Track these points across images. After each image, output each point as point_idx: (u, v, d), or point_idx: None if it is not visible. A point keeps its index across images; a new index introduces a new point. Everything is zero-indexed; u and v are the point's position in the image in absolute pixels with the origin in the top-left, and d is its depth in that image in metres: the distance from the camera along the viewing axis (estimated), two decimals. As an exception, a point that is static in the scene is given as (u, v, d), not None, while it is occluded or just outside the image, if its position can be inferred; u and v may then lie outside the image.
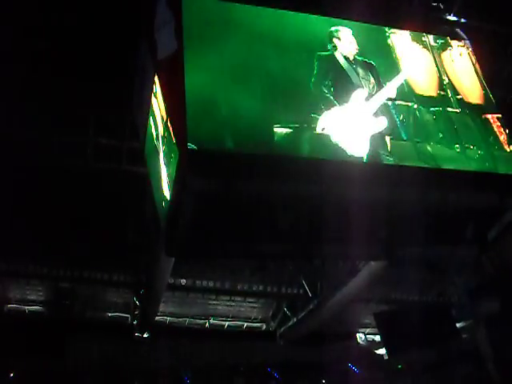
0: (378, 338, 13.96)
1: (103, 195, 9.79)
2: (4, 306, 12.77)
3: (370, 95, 7.14)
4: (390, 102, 7.28)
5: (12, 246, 10.45)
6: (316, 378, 15.09)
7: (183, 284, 12.23)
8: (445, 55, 8.06)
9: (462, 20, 8.69)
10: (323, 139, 6.68)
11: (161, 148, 7.00)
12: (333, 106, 6.89)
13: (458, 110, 7.63)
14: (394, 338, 12.33)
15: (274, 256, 8.37)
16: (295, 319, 13.30)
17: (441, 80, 7.83)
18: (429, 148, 7.09)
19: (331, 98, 6.98)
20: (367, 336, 14.84)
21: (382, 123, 6.98)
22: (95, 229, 10.43)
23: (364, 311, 13.80)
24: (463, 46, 8.30)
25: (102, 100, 8.51)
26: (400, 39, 7.93)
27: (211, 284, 12.43)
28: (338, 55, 7.36)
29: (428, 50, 8.05)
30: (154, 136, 7.42)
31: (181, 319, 13.74)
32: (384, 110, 7.18)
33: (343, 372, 15.08)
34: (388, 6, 8.23)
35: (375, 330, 13.65)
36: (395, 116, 7.23)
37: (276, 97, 6.81)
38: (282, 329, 13.93)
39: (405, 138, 7.14)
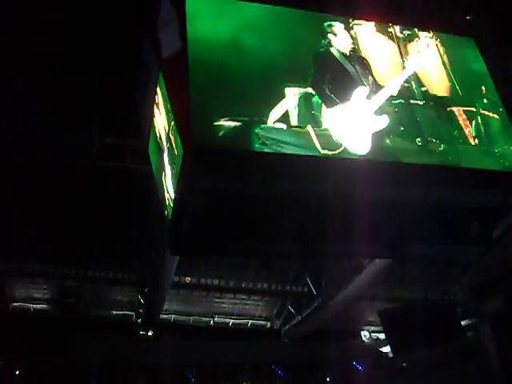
0: (382, 335, 13.95)
1: (108, 194, 9.81)
2: (9, 305, 12.82)
3: (371, 92, 7.06)
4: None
5: (17, 244, 10.49)
6: (321, 375, 15.12)
7: (188, 282, 12.27)
8: (411, 46, 7.79)
9: (468, 17, 8.68)
10: (327, 137, 6.64)
11: (165, 146, 7.00)
12: (335, 105, 6.86)
13: (421, 103, 7.37)
14: (398, 336, 12.30)
15: (279, 254, 8.34)
16: (300, 317, 13.31)
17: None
18: (388, 141, 6.84)
19: (332, 96, 6.94)
20: (372, 334, 14.84)
21: (384, 121, 6.91)
22: (100, 227, 10.45)
23: (368, 309, 13.80)
24: (431, 38, 8.02)
25: (107, 98, 8.52)
26: (364, 30, 7.69)
27: (216, 282, 12.46)
28: (335, 51, 7.29)
29: (393, 41, 7.86)
30: (159, 134, 7.43)
31: (185, 317, 13.77)
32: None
33: (348, 370, 15.11)
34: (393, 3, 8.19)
35: (380, 328, 13.64)
36: None
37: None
38: (287, 327, 13.94)
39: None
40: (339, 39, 7.37)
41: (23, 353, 11.57)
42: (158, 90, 7.11)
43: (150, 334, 13.15)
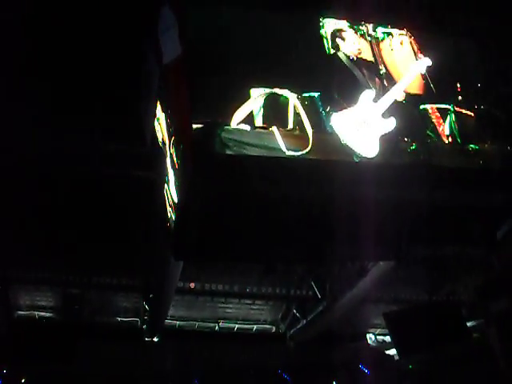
0: (388, 338, 13.89)
1: (111, 200, 9.80)
2: (14, 313, 12.81)
3: (378, 95, 7.05)
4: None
5: (21, 252, 10.49)
6: (326, 379, 15.09)
7: (192, 288, 12.25)
8: (384, 44, 7.76)
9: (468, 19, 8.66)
10: (332, 141, 6.63)
11: (167, 151, 7.02)
12: (342, 108, 6.85)
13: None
14: (404, 339, 12.25)
15: (283, 259, 8.35)
16: (305, 321, 13.28)
17: (377, 69, 7.57)
18: (340, 139, 6.76)
19: (340, 99, 6.94)
20: (377, 337, 14.80)
21: (391, 124, 6.89)
22: (104, 234, 10.44)
23: (374, 312, 13.75)
24: (405, 35, 8.00)
25: (109, 104, 8.52)
26: (334, 28, 7.66)
27: (220, 287, 12.44)
28: (342, 55, 7.30)
29: (365, 39, 7.83)
30: (161, 139, 7.45)
31: (190, 323, 13.73)
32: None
33: (354, 373, 15.07)
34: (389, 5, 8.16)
35: (385, 331, 13.59)
36: (320, 108, 7.00)
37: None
38: (292, 331, 13.91)
39: (330, 131, 6.88)
40: (347, 43, 7.39)
41: (28, 360, 11.54)
42: (161, 94, 7.13)
43: (155, 339, 13.13)
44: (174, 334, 13.55)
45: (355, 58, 7.33)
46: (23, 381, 12.86)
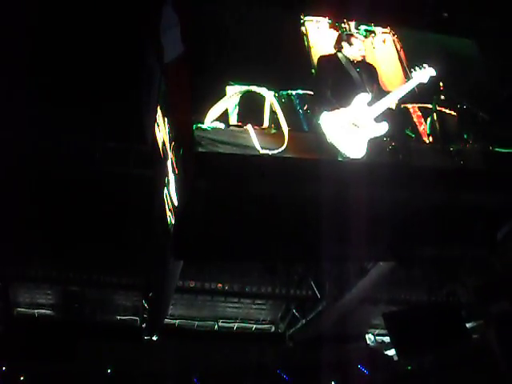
0: (387, 338, 13.90)
1: (111, 198, 9.81)
2: (14, 310, 12.82)
3: (373, 99, 7.01)
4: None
5: (21, 250, 10.50)
6: (325, 379, 15.09)
7: (192, 286, 12.25)
8: (366, 42, 7.63)
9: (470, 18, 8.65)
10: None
11: (168, 151, 7.02)
12: (334, 108, 6.83)
13: None
14: (403, 339, 12.27)
15: (283, 259, 8.34)
16: (304, 321, 13.29)
17: (376, 74, 7.43)
18: (328, 139, 6.67)
19: (333, 100, 6.91)
20: (377, 337, 14.82)
21: (383, 128, 6.86)
22: (104, 232, 10.46)
23: (373, 312, 13.76)
24: (388, 33, 7.90)
25: (110, 102, 8.53)
26: (315, 26, 7.55)
27: (220, 286, 12.45)
28: (341, 56, 7.26)
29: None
30: (162, 139, 7.44)
31: (190, 322, 13.74)
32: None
33: (353, 373, 15.08)
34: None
35: (384, 331, 13.60)
36: (297, 106, 6.90)
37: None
38: (291, 330, 13.91)
39: (306, 129, 6.80)
40: (352, 48, 7.34)
41: (28, 358, 11.55)
42: (162, 95, 7.14)
43: (154, 338, 13.13)
44: (174, 332, 13.56)
45: (355, 61, 7.28)
46: (22, 379, 12.88)
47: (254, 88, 6.69)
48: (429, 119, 7.32)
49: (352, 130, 6.69)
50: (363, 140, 6.68)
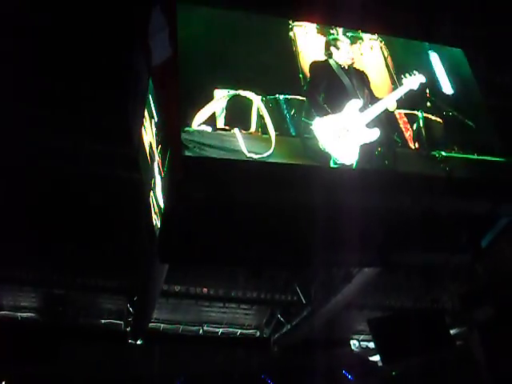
0: (372, 344, 13.93)
1: (97, 201, 9.76)
2: (-4, 313, 12.71)
3: (365, 105, 7.06)
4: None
5: (4, 252, 10.40)
6: (310, 384, 15.08)
7: (177, 291, 12.21)
8: (354, 48, 7.69)
9: (458, 28, 8.72)
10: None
11: (155, 154, 6.99)
12: (326, 114, 6.86)
13: None
14: (388, 345, 12.30)
15: (268, 264, 8.34)
16: (289, 326, 13.28)
17: (367, 80, 7.52)
18: (320, 145, 6.73)
19: (325, 106, 6.95)
20: (361, 343, 14.83)
21: (375, 134, 6.90)
22: (89, 235, 10.40)
23: (358, 318, 13.80)
24: (375, 40, 7.97)
25: (97, 104, 8.50)
26: (304, 32, 7.60)
27: (205, 291, 12.41)
28: (333, 63, 7.31)
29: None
30: (149, 141, 7.42)
31: (174, 326, 13.69)
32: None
33: (337, 378, 15.08)
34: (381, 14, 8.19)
35: (369, 337, 13.63)
36: (285, 111, 6.92)
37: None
38: (276, 335, 13.90)
39: (293, 134, 6.82)
40: (340, 53, 7.39)
41: (10, 362, 11.44)
42: (149, 97, 7.11)
43: (138, 342, 13.06)
44: (158, 337, 13.49)
45: (346, 67, 7.33)
46: (3, 383, 12.73)
47: (241, 92, 6.71)
48: (415, 125, 7.37)
49: (344, 135, 6.73)
50: (355, 146, 6.72)
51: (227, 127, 6.47)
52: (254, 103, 6.68)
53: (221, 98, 6.57)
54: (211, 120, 6.43)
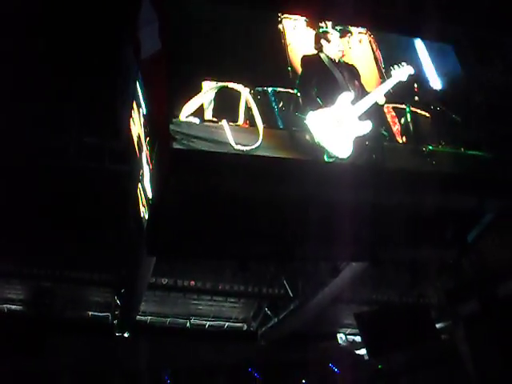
0: (358, 338, 14.00)
1: (85, 194, 9.73)
2: (-17, 306, 12.66)
3: (356, 98, 7.07)
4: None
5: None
6: (297, 378, 15.14)
7: (164, 283, 12.19)
8: (343, 42, 7.71)
9: (445, 24, 8.75)
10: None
11: (144, 147, 6.99)
12: (319, 108, 6.87)
13: None
14: (374, 339, 12.36)
15: (256, 257, 8.36)
16: (276, 319, 13.32)
17: (357, 73, 7.55)
18: (307, 137, 6.76)
19: (318, 99, 6.96)
20: (348, 336, 14.89)
21: (367, 126, 6.92)
22: (76, 228, 10.37)
23: (345, 312, 13.85)
24: (364, 33, 8.00)
25: (85, 98, 8.47)
26: (293, 25, 7.62)
27: (192, 284, 12.40)
28: (324, 56, 7.32)
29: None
30: (137, 134, 7.42)
31: (162, 319, 13.68)
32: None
33: (324, 372, 15.14)
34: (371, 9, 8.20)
35: (356, 331, 13.69)
36: (273, 103, 6.93)
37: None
38: (263, 329, 13.94)
39: (281, 127, 6.84)
40: (331, 45, 7.40)
41: (-4, 354, 11.41)
42: (138, 89, 7.11)
43: (125, 335, 13.05)
44: (146, 329, 13.48)
45: (337, 60, 7.34)
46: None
47: (230, 84, 6.71)
48: (403, 120, 7.40)
49: (338, 128, 6.74)
50: (349, 139, 6.73)
51: (215, 119, 6.47)
52: (242, 95, 6.69)
53: (209, 89, 6.57)
54: (199, 112, 6.43)
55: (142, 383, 13.86)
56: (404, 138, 7.36)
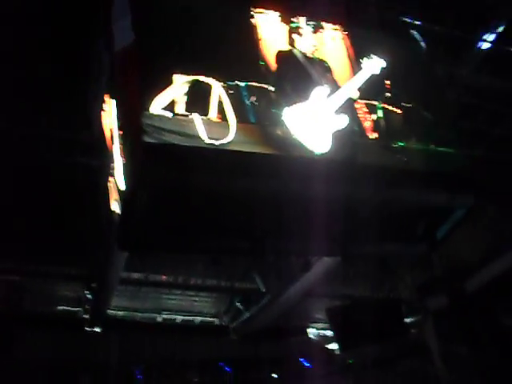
0: (329, 333, 14.10)
1: (55, 188, 9.65)
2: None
3: (332, 92, 7.08)
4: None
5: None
6: (268, 372, 15.21)
7: (136, 278, 12.12)
8: (316, 37, 7.61)
9: (417, 22, 8.85)
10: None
11: (115, 139, 6.96)
12: (295, 103, 6.87)
13: None
14: (345, 333, 12.48)
15: (229, 251, 8.36)
16: (248, 314, 13.34)
17: (329, 67, 7.52)
18: (279, 132, 6.73)
19: (293, 94, 6.95)
20: (319, 331, 14.99)
21: (344, 121, 6.94)
22: (47, 222, 10.27)
23: (317, 306, 13.93)
24: (338, 30, 8.00)
25: (56, 91, 8.40)
26: (266, 19, 7.60)
27: (164, 278, 12.36)
28: (297, 52, 7.32)
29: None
30: (109, 127, 7.38)
31: (133, 313, 13.61)
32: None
33: (295, 366, 15.23)
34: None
35: (327, 325, 13.79)
36: (245, 98, 6.90)
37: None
38: (235, 323, 13.95)
39: (253, 121, 6.83)
40: (303, 41, 7.39)
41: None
42: (110, 83, 7.06)
43: (96, 330, 12.98)
44: (116, 324, 13.41)
45: (310, 56, 7.34)
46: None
47: (202, 78, 6.68)
48: (374, 115, 7.45)
49: (314, 123, 6.75)
50: (327, 134, 6.74)
51: (187, 112, 6.44)
52: (213, 89, 6.65)
53: (180, 83, 6.54)
54: (171, 105, 6.40)
55: (113, 378, 13.82)
56: (375, 134, 7.41)
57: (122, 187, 6.61)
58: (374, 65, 7.26)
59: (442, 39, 9.14)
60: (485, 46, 9.66)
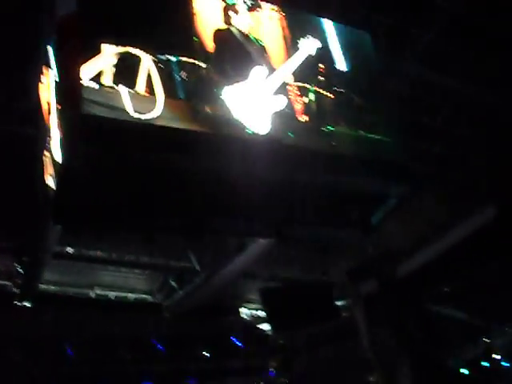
0: (262, 313, 14.27)
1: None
2: None
3: (269, 72, 7.11)
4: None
5: None
6: (199, 350, 15.34)
7: (69, 252, 11.92)
8: (252, 16, 7.66)
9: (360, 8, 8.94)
10: (223, 115, 6.61)
11: (53, 110, 6.83)
12: (234, 83, 6.88)
13: None
14: (277, 314, 12.66)
15: (164, 229, 8.34)
16: (182, 293, 13.35)
17: (265, 46, 7.60)
18: (208, 109, 6.73)
19: (231, 74, 6.96)
20: (252, 311, 15.13)
21: (282, 102, 6.98)
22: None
23: (250, 287, 14.05)
24: (275, 11, 7.95)
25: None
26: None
27: (98, 254, 12.18)
28: (234, 30, 7.30)
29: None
30: (47, 98, 7.23)
31: (65, 288, 13.37)
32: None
33: (226, 346, 15.40)
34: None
35: (260, 306, 13.95)
36: (175, 72, 6.81)
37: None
38: (168, 301, 13.94)
39: (181, 97, 6.77)
40: (239, 18, 7.37)
41: None
42: (49, 53, 6.91)
43: (27, 304, 12.74)
44: (48, 299, 13.16)
45: (246, 33, 7.34)
46: None
47: (130, 49, 6.55)
48: (306, 98, 7.51)
49: (254, 103, 6.76)
50: (266, 114, 6.77)
51: (114, 85, 6.33)
52: (143, 62, 6.54)
53: (108, 53, 6.39)
54: (97, 76, 6.27)
55: (44, 355, 13.66)
56: (306, 117, 7.48)
57: (58, 160, 6.50)
58: (310, 45, 7.32)
59: (385, 29, 9.27)
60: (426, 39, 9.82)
